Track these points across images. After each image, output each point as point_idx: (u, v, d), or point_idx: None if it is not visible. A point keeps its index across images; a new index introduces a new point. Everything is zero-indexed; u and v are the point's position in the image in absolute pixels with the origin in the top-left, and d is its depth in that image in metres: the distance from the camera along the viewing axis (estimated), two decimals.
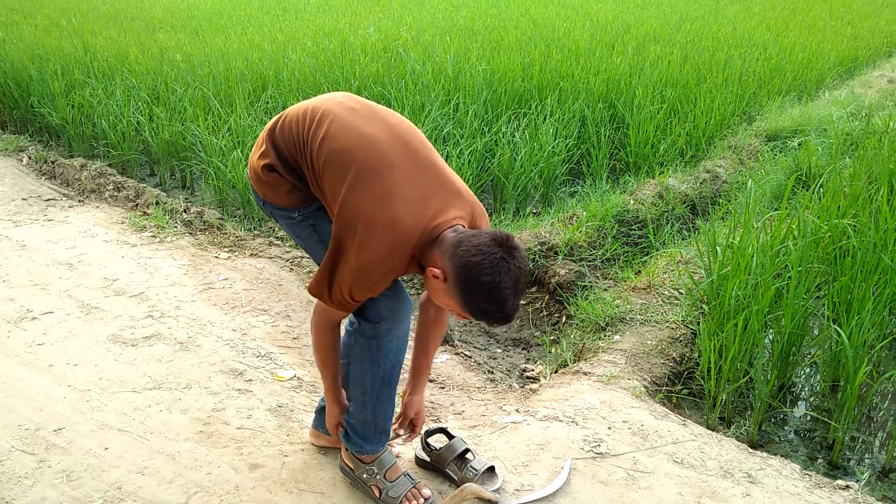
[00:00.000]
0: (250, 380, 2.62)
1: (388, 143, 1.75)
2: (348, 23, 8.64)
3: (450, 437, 2.18)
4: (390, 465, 2.02)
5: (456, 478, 2.08)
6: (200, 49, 6.79)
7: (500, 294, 1.60)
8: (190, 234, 3.96)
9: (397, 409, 2.13)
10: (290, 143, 1.84)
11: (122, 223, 4.08)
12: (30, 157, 5.13)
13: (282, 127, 1.87)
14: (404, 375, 2.22)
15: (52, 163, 4.98)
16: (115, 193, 4.51)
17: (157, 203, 4.29)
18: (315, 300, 1.84)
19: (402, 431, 2.11)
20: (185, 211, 4.19)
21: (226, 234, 3.96)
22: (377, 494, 2.00)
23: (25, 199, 4.42)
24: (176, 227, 4.02)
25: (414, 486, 2.01)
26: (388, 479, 2.00)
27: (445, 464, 2.11)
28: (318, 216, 1.91)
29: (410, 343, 2.07)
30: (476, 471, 2.06)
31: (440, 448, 2.14)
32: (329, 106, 1.82)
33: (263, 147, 1.90)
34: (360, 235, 1.67)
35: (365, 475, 2.02)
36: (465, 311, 1.67)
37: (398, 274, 1.78)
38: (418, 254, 1.73)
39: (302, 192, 1.88)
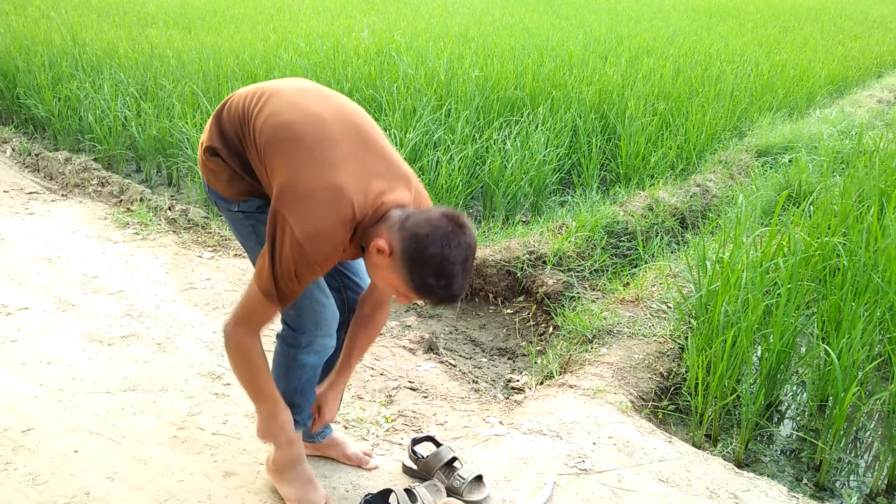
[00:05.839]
0: (228, 383, 2.55)
1: (335, 122, 1.66)
2: (342, 25, 8.59)
3: (437, 445, 2.13)
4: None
5: (443, 486, 2.03)
6: (192, 46, 6.72)
7: (448, 269, 1.52)
8: (174, 232, 3.89)
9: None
10: (236, 122, 1.73)
11: (105, 219, 4.00)
12: (13, 149, 5.03)
13: (229, 108, 1.76)
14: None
15: (37, 155, 4.89)
16: (99, 188, 4.43)
17: (141, 200, 4.21)
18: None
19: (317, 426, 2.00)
20: (169, 208, 4.11)
21: (210, 233, 3.89)
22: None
23: (7, 192, 4.33)
24: (160, 224, 3.95)
25: None
26: None
27: (432, 472, 2.06)
28: (257, 218, 1.80)
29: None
30: (463, 479, 2.01)
31: (427, 456, 2.09)
32: (278, 86, 1.74)
33: (209, 130, 1.80)
34: (301, 204, 1.56)
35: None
36: (409, 287, 1.57)
37: (341, 252, 1.67)
38: (361, 232, 1.63)
39: (243, 181, 1.77)
